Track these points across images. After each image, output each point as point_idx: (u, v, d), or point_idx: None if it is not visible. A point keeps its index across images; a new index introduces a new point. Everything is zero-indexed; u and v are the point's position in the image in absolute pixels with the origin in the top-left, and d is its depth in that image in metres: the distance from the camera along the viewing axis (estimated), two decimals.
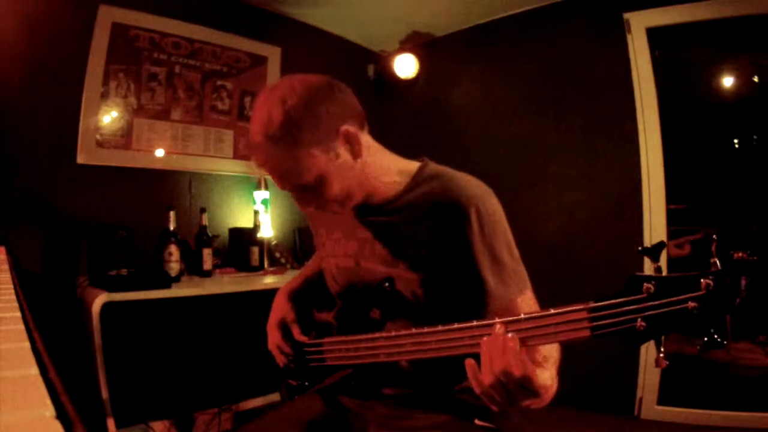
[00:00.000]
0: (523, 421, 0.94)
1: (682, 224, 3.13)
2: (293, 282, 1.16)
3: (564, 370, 0.75)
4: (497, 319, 0.66)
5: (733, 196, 3.49)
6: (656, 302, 0.54)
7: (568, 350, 0.76)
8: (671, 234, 2.49)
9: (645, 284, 0.55)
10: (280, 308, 1.09)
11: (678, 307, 0.53)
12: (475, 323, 0.68)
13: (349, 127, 0.87)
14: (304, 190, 0.89)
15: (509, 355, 0.63)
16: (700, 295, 0.52)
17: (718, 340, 0.52)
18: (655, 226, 2.38)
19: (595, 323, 0.57)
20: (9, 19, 1.91)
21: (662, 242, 0.58)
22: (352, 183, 0.90)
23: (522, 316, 0.64)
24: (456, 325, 0.70)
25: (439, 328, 0.72)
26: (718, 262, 0.52)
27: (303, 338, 1.01)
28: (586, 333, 0.58)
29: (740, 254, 0.53)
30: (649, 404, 2.36)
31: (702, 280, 0.52)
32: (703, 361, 3.19)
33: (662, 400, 2.35)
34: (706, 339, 0.53)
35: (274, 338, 1.07)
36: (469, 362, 0.67)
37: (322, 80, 0.87)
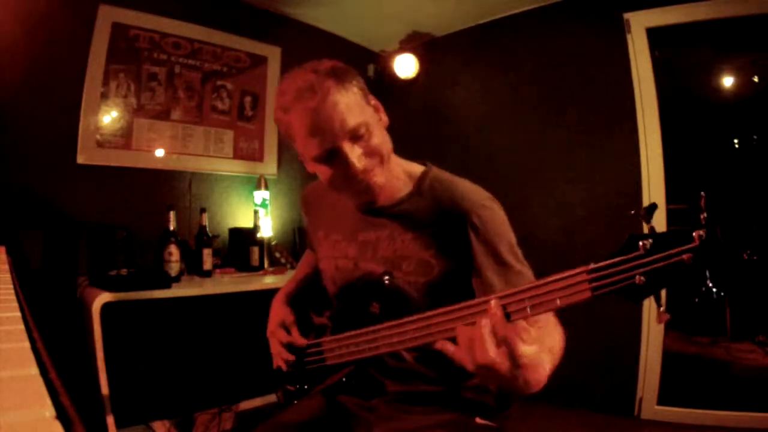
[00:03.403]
0: (524, 420, 0.94)
1: (682, 224, 3.13)
2: (287, 287, 1.16)
3: (564, 371, 0.75)
4: (492, 296, 0.65)
5: (733, 196, 3.49)
6: (653, 257, 0.56)
7: (569, 351, 0.76)
8: None
9: (641, 242, 0.56)
10: (279, 313, 1.08)
11: (674, 260, 0.54)
12: (475, 301, 0.67)
13: (374, 98, 0.92)
14: (354, 139, 0.84)
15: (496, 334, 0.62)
16: (694, 246, 0.54)
17: (714, 290, 0.53)
18: (655, 226, 2.38)
19: (595, 284, 0.58)
20: (9, 19, 1.91)
21: (654, 204, 0.61)
22: (386, 144, 0.90)
23: (522, 286, 0.64)
24: (463, 304, 0.69)
25: (443, 309, 0.71)
26: (706, 216, 0.55)
27: (302, 341, 1.01)
28: (587, 294, 0.59)
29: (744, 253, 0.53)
30: (649, 404, 2.36)
31: (694, 233, 0.54)
32: (703, 361, 3.19)
33: (662, 400, 2.35)
34: (704, 289, 0.54)
35: (280, 337, 1.05)
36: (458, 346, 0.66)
37: None
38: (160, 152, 2.35)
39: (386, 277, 0.90)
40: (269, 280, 2.24)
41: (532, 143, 2.77)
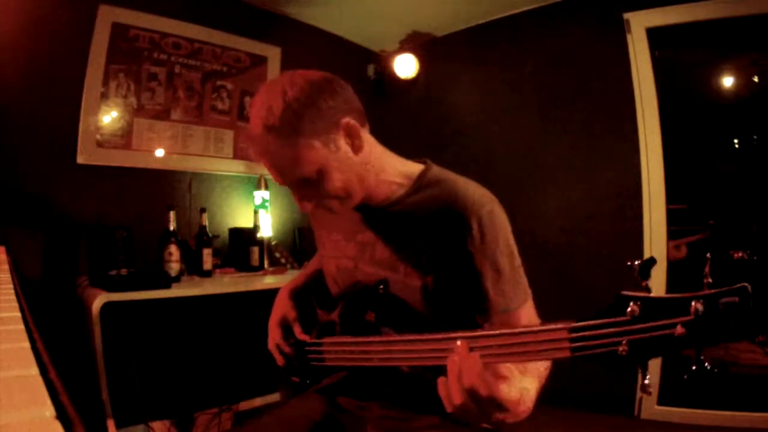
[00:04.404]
0: (522, 421, 0.94)
1: (682, 224, 3.13)
2: (295, 280, 1.16)
3: (564, 371, 0.75)
4: (464, 333, 0.64)
5: (733, 196, 3.49)
6: (641, 326, 0.50)
7: None
8: (671, 234, 2.48)
9: (630, 305, 0.51)
10: (282, 307, 1.07)
11: (664, 332, 0.49)
12: (469, 333, 0.65)
13: (350, 120, 0.85)
14: (304, 185, 0.86)
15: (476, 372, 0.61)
16: (689, 320, 0.47)
17: (708, 367, 0.51)
18: (655, 226, 2.38)
19: (576, 344, 0.54)
20: (9, 19, 1.91)
21: (652, 258, 0.55)
22: (352, 178, 0.87)
23: (501, 331, 0.62)
24: (451, 334, 0.67)
25: (430, 336, 0.70)
26: (711, 281, 0.50)
27: (304, 337, 1.00)
28: (566, 353, 0.55)
29: (740, 254, 0.52)
30: (649, 404, 2.36)
31: (693, 303, 0.47)
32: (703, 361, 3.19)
33: (662, 400, 2.35)
34: (694, 368, 0.51)
35: (274, 337, 1.05)
36: (441, 380, 0.65)
37: (323, 75, 0.86)
38: (160, 152, 2.35)
39: (381, 286, 0.88)
40: (269, 280, 2.24)
41: (532, 143, 2.77)
